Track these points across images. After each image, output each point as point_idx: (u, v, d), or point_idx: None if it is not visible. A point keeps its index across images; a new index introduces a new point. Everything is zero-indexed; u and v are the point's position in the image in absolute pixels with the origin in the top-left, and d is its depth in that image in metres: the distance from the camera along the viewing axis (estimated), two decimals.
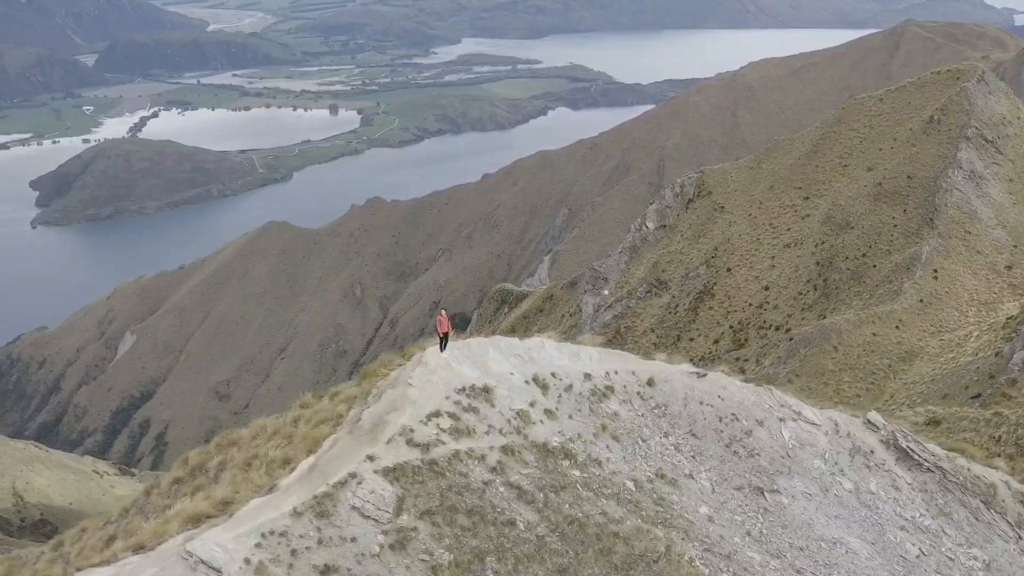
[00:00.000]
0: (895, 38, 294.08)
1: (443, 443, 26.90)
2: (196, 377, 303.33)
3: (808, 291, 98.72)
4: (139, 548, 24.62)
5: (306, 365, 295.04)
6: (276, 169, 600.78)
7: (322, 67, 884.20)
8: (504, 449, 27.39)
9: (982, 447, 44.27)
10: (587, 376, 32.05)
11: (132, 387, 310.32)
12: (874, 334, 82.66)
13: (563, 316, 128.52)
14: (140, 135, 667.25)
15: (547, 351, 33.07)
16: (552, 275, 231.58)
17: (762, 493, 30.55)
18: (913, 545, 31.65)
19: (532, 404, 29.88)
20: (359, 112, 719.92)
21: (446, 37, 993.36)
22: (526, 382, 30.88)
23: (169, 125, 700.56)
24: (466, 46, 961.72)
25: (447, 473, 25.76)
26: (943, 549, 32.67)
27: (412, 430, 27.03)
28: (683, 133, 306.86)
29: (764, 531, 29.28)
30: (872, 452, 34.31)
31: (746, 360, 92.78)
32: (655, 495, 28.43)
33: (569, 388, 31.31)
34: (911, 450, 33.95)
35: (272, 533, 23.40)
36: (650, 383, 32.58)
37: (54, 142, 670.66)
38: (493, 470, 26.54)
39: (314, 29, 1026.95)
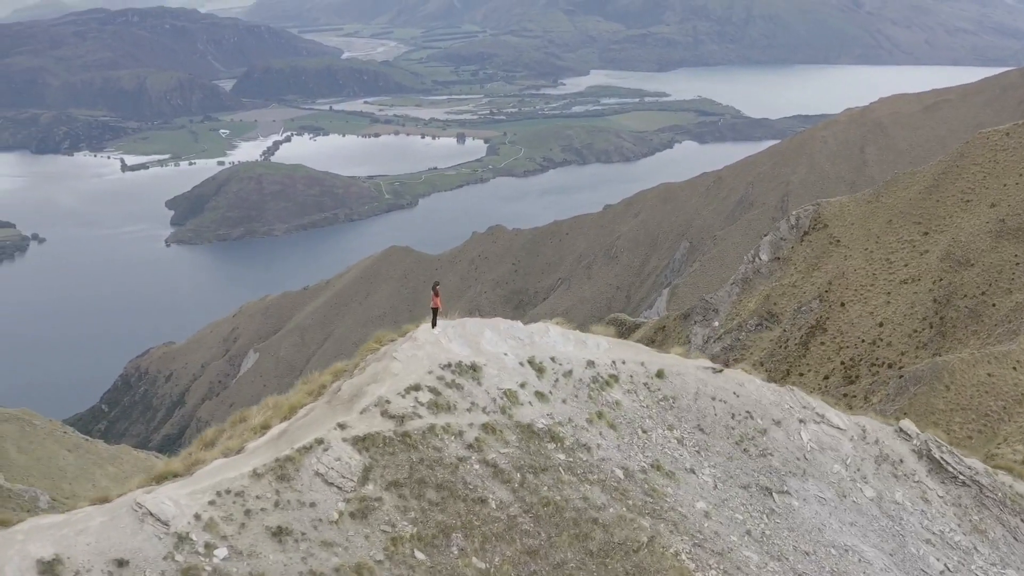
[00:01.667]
0: None
1: (420, 416, 26.70)
2: None
3: (923, 329, 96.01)
4: (101, 501, 24.76)
5: None
6: (402, 195, 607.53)
7: (451, 96, 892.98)
8: (485, 427, 27.08)
9: None
10: (590, 363, 31.61)
11: (253, 403, 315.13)
12: (989, 374, 79.69)
13: (671, 347, 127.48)
14: (272, 159, 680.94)
15: (551, 336, 32.72)
16: (671, 308, 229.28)
17: (770, 494, 29.74)
18: (938, 560, 30.39)
19: (522, 385, 29.56)
20: (486, 141, 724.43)
21: (575, 68, 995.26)
22: (520, 363, 30.57)
23: (301, 150, 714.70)
24: (594, 78, 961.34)
25: (420, 446, 25.53)
26: (973, 567, 31.30)
27: (388, 401, 26.92)
28: (809, 168, 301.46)
29: (767, 532, 28.45)
30: (901, 461, 33.17)
31: (854, 396, 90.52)
32: (647, 486, 27.84)
33: (568, 374, 30.90)
34: (945, 461, 32.68)
35: (228, 492, 23.46)
36: (659, 375, 32.05)
37: (191, 163, 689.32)
38: (470, 447, 26.26)
39: (445, 58, 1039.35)
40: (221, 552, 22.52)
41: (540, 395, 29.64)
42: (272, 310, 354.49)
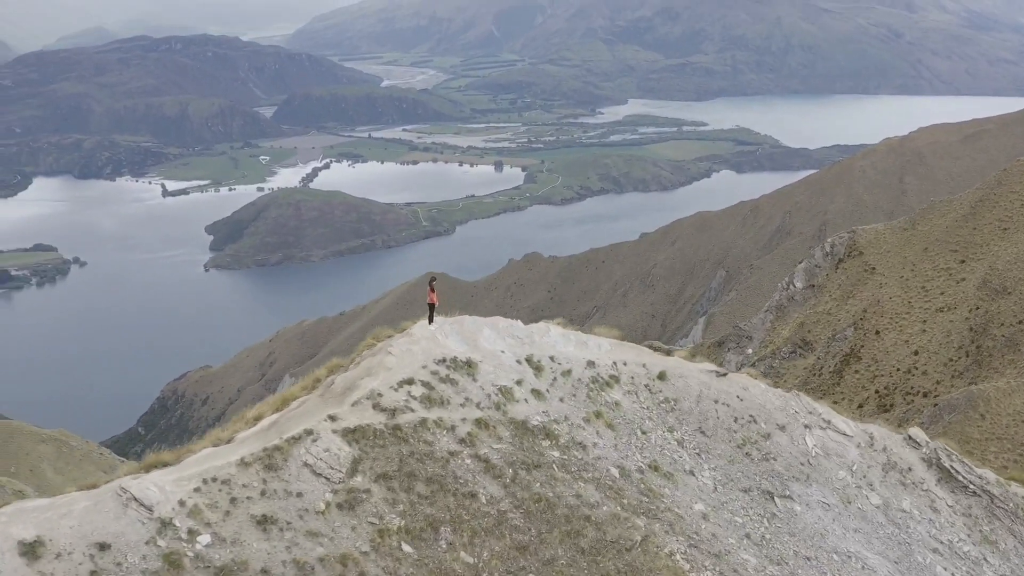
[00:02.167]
0: None
1: (412, 410, 26.61)
2: None
3: (959, 357, 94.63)
4: (89, 488, 24.75)
5: None
6: (440, 222, 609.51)
7: (489, 124, 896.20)
8: (478, 422, 26.97)
9: None
10: (590, 364, 31.45)
11: None
12: None
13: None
14: (311, 185, 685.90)
15: (551, 336, 32.58)
16: (706, 337, 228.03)
17: (772, 498, 29.31)
18: (945, 569, 29.79)
19: (518, 382, 29.43)
20: (523, 169, 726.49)
21: (613, 97, 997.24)
22: (518, 361, 30.44)
23: (339, 176, 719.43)
24: (632, 107, 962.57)
25: (410, 439, 25.39)
26: None
27: (380, 394, 26.88)
28: (847, 198, 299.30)
29: (767, 536, 27.99)
30: (910, 469, 32.65)
31: (887, 423, 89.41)
32: (643, 486, 27.54)
33: (567, 373, 30.73)
34: (955, 470, 32.04)
35: (215, 480, 23.42)
36: (661, 377, 31.79)
37: (230, 189, 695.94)
38: (462, 441, 26.13)
39: (483, 87, 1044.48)
40: (204, 538, 22.58)
41: (536, 393, 29.51)
42: (308, 335, 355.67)
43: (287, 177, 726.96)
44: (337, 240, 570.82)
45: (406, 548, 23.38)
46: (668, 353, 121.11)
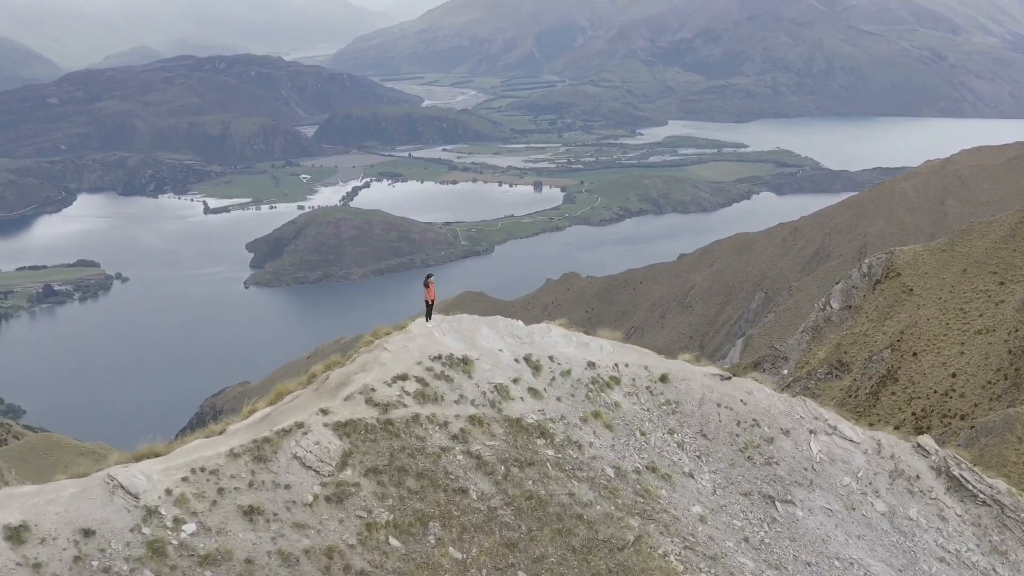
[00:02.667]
0: None
1: (405, 405, 26.63)
2: None
3: (998, 380, 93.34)
4: (80, 476, 24.88)
5: None
6: (478, 242, 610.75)
7: (529, 144, 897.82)
8: (471, 419, 26.94)
9: None
10: (591, 364, 31.31)
11: None
12: None
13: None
14: (351, 204, 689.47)
15: (552, 336, 32.45)
16: (744, 359, 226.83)
17: (773, 502, 28.91)
18: None
19: (515, 381, 29.34)
20: (562, 190, 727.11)
21: (653, 119, 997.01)
22: (516, 360, 30.36)
23: (379, 195, 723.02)
24: (672, 128, 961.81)
25: (402, 434, 25.35)
26: None
27: (373, 389, 26.94)
28: (887, 220, 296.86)
29: (767, 540, 27.55)
30: (918, 477, 32.19)
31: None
32: (639, 486, 27.28)
33: (567, 373, 30.61)
34: (964, 479, 31.40)
35: (203, 470, 23.51)
36: (663, 379, 31.58)
37: (271, 207, 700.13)
38: (454, 437, 26.08)
39: (523, 108, 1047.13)
40: (189, 527, 22.75)
41: (533, 391, 29.46)
42: (345, 352, 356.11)
43: (327, 196, 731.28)
44: (376, 259, 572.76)
45: (393, 542, 23.36)
46: None
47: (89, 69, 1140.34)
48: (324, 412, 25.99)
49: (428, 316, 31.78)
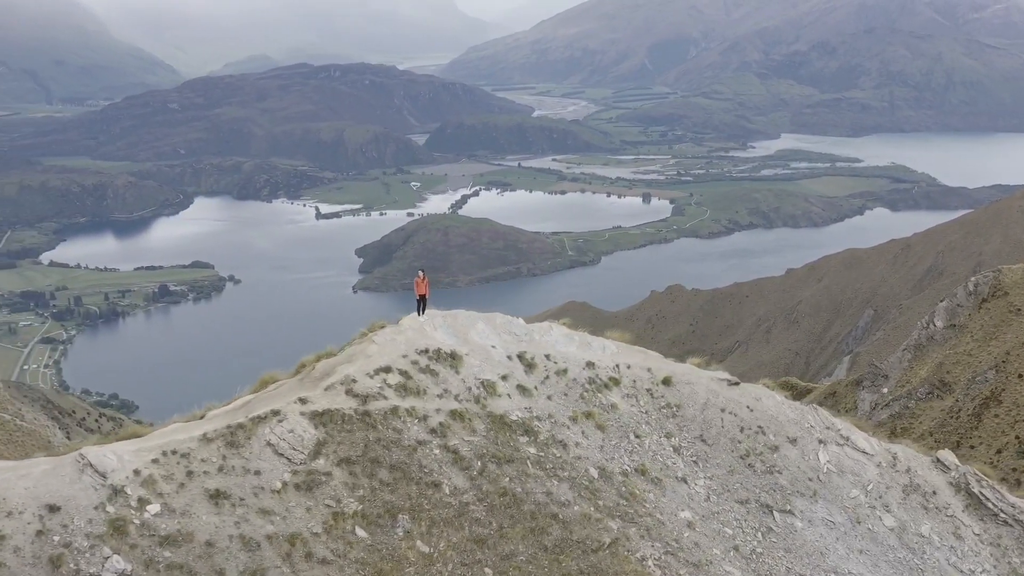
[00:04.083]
0: None
1: (385, 398, 26.51)
2: None
3: None
4: (58, 455, 25.21)
5: None
6: (585, 252, 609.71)
7: (639, 156, 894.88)
8: (453, 413, 26.62)
9: None
10: (589, 364, 30.78)
11: None
12: None
13: (839, 412, 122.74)
14: (460, 212, 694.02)
15: (552, 335, 32.01)
16: (849, 377, 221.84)
17: (770, 512, 27.86)
18: None
19: (504, 377, 28.95)
20: (671, 202, 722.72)
21: (765, 132, 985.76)
22: (508, 357, 30.03)
23: (488, 204, 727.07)
24: (785, 141, 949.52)
25: (379, 426, 25.14)
26: None
27: (354, 380, 26.99)
28: (1003, 239, 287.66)
29: (759, 550, 26.47)
30: (934, 493, 30.87)
31: (1022, 472, 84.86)
32: (624, 489, 26.56)
33: (562, 372, 30.18)
34: (985, 497, 29.65)
35: (174, 452, 23.75)
36: (666, 382, 30.86)
37: (381, 214, 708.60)
38: (433, 431, 25.83)
39: (634, 119, 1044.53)
40: (153, 508, 23.18)
41: (523, 389, 29.11)
42: None
43: (436, 203, 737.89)
44: (483, 267, 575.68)
45: (360, 533, 23.29)
46: (806, 391, 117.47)
47: (209, 76, 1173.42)
48: (302, 401, 26.27)
49: (420, 310, 31.63)
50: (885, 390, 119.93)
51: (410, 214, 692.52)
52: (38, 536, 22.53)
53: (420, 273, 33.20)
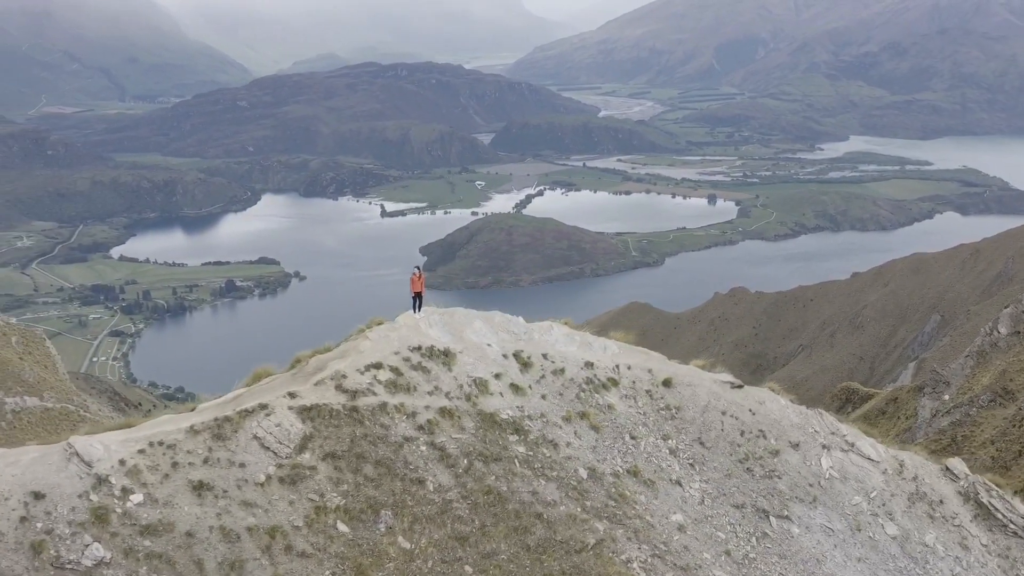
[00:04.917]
0: None
1: (374, 394, 26.66)
2: None
3: None
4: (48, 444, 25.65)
5: None
6: (649, 253, 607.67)
7: (704, 157, 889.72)
8: (442, 411, 26.59)
9: None
10: (588, 364, 30.61)
11: None
12: None
13: (900, 419, 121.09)
14: (524, 211, 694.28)
15: (552, 335, 31.88)
16: (914, 383, 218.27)
17: (767, 517, 27.42)
18: None
19: (497, 376, 28.91)
20: (737, 203, 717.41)
21: (833, 133, 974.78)
22: (504, 356, 30.01)
23: (552, 204, 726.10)
24: (853, 143, 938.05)
25: (367, 422, 25.21)
26: None
27: (344, 376, 27.23)
28: None
29: (751, 555, 26.05)
30: (941, 502, 30.21)
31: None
32: (614, 490, 26.40)
33: (559, 371, 30.06)
34: (994, 507, 28.74)
35: (161, 443, 24.14)
36: (666, 384, 30.60)
37: (446, 212, 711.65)
38: (420, 428, 25.90)
39: (700, 120, 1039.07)
40: (136, 497, 23.60)
41: (516, 387, 29.07)
42: None
43: (501, 203, 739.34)
44: (546, 266, 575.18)
45: (341, 527, 23.46)
46: (867, 396, 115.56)
47: (278, 74, 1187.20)
48: (291, 395, 26.67)
49: (415, 308, 31.76)
50: (946, 397, 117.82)
51: (474, 213, 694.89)
52: (22, 522, 23.04)
53: (416, 270, 33.48)
